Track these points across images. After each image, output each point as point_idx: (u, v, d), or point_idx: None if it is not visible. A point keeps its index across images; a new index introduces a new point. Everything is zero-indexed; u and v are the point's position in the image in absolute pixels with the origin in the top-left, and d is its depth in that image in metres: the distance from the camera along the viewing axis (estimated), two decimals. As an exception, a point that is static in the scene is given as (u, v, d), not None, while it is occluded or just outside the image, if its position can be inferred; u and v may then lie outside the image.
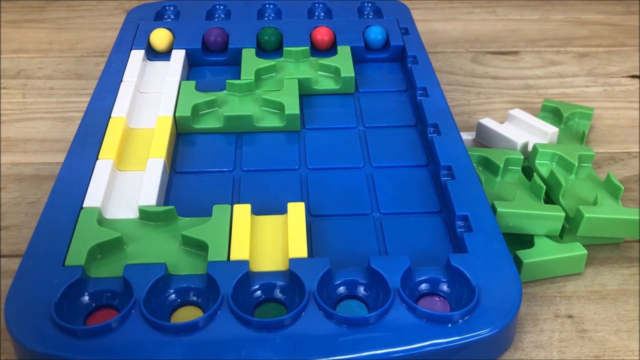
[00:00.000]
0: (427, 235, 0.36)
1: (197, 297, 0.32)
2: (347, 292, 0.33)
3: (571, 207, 0.38)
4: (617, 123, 0.51)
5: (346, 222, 0.37)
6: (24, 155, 0.47)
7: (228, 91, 0.46)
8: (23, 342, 0.29)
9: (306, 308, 0.31)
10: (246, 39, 0.51)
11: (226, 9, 0.56)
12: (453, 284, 0.33)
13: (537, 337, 0.34)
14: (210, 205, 0.36)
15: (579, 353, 0.33)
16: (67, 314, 0.30)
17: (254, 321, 0.30)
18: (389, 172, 0.40)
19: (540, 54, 0.60)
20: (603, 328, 0.34)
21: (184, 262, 0.34)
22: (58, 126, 0.50)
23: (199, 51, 0.50)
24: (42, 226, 0.35)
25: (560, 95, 0.54)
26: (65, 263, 0.33)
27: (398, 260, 0.33)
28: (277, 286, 0.32)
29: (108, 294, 0.32)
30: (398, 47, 0.51)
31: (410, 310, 0.31)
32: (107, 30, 0.63)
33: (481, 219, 0.35)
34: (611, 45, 0.62)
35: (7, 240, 0.40)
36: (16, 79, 0.56)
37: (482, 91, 0.55)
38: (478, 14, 0.67)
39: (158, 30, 0.51)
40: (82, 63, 0.58)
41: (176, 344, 0.29)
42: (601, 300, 0.36)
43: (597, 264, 0.38)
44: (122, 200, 0.37)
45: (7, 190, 0.44)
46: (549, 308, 0.36)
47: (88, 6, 0.68)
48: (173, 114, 0.43)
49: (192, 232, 0.34)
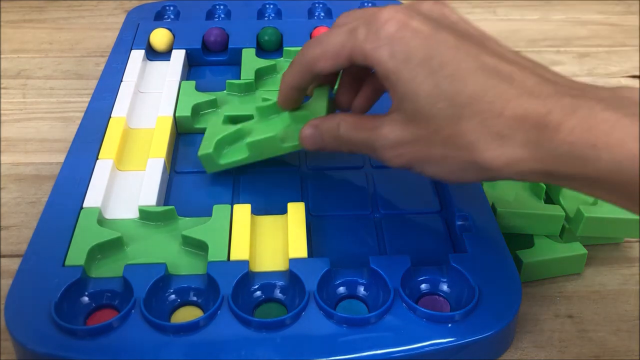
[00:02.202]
0: (427, 235, 0.36)
1: (197, 297, 0.32)
2: (347, 292, 0.33)
3: (571, 207, 0.38)
4: (617, 123, 0.51)
5: (346, 222, 0.37)
6: (24, 155, 0.47)
7: (228, 91, 0.46)
8: (23, 342, 0.29)
9: (306, 308, 0.31)
10: (246, 39, 0.51)
11: (226, 9, 0.56)
12: (453, 284, 0.33)
13: (537, 337, 0.34)
14: (210, 205, 0.36)
15: (579, 353, 0.33)
16: (67, 314, 0.30)
17: (254, 321, 0.30)
18: (388, 172, 0.40)
19: (540, 54, 0.60)
20: (603, 328, 0.34)
21: (184, 262, 0.34)
22: (58, 126, 0.50)
23: (199, 51, 0.50)
24: (42, 226, 0.35)
25: (560, 95, 0.54)
26: (65, 263, 0.33)
27: (398, 260, 0.33)
28: (277, 286, 0.32)
29: (108, 293, 0.32)
30: (398, 47, 0.51)
31: (410, 310, 0.31)
32: (107, 30, 0.63)
33: (481, 219, 0.35)
34: (611, 45, 0.62)
35: (7, 240, 0.40)
36: (16, 79, 0.56)
37: (482, 91, 0.55)
38: (478, 14, 0.67)
39: (158, 30, 0.51)
40: (82, 63, 0.58)
41: (176, 344, 0.29)
42: (601, 300, 0.36)
43: (597, 264, 0.38)
44: (122, 200, 0.37)
45: (7, 190, 0.44)
46: (549, 308, 0.36)
47: (88, 6, 0.68)
48: (173, 114, 0.43)
49: (192, 232, 0.34)
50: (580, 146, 0.24)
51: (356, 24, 0.30)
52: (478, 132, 0.27)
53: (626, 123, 0.24)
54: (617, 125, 0.24)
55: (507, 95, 0.26)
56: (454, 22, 0.30)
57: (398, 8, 0.29)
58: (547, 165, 0.26)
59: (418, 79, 0.28)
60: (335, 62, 0.31)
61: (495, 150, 0.27)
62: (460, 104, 0.27)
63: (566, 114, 0.25)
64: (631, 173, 0.24)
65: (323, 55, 0.31)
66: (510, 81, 0.27)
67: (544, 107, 0.26)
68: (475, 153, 0.27)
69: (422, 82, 0.28)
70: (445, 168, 0.29)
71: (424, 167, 0.30)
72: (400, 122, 0.29)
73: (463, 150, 0.28)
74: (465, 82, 0.27)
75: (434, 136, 0.28)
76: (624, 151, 0.24)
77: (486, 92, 0.27)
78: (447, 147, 0.28)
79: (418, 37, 0.28)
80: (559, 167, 0.26)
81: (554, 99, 0.26)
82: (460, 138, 0.27)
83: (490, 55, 0.28)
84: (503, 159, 0.27)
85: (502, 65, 0.27)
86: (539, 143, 0.26)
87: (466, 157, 0.28)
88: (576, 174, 0.25)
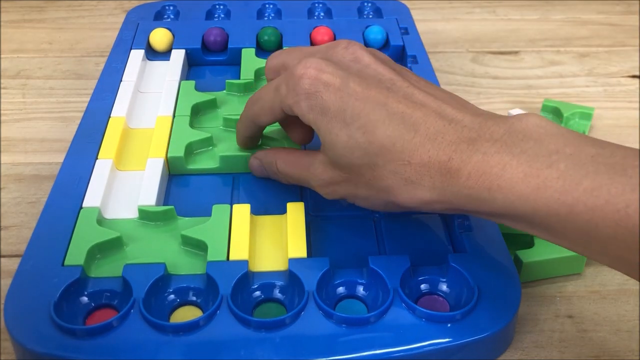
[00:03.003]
0: (427, 235, 0.36)
1: (197, 297, 0.32)
2: (346, 292, 0.33)
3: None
4: (617, 123, 0.51)
5: (346, 222, 0.37)
6: (24, 155, 0.47)
7: (228, 91, 0.46)
8: (23, 342, 0.29)
9: (305, 308, 0.31)
10: (246, 39, 0.51)
11: (226, 8, 0.56)
12: (452, 284, 0.33)
13: (537, 337, 0.34)
14: (209, 205, 0.36)
15: (579, 353, 0.33)
16: (66, 313, 0.30)
17: (253, 321, 0.30)
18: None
19: (540, 54, 0.60)
20: (603, 328, 0.34)
21: (184, 261, 0.34)
22: (58, 126, 0.50)
23: (199, 51, 0.50)
24: (42, 226, 0.35)
25: (561, 95, 0.54)
26: (65, 263, 0.33)
27: (397, 260, 0.33)
28: (277, 286, 0.32)
29: (107, 293, 0.32)
30: (398, 47, 0.51)
31: (409, 310, 0.31)
32: (107, 30, 0.63)
33: (481, 219, 0.35)
34: (611, 45, 0.61)
35: (7, 240, 0.40)
36: (16, 79, 0.56)
37: (482, 91, 0.55)
38: (478, 14, 0.67)
39: (158, 30, 0.51)
40: (82, 63, 0.58)
41: (175, 344, 0.29)
42: (601, 300, 0.36)
43: (597, 264, 0.38)
44: (122, 200, 0.37)
45: (7, 190, 0.44)
46: (549, 308, 0.35)
47: (88, 6, 0.68)
48: (173, 113, 0.43)
49: (191, 232, 0.34)
50: (478, 190, 0.27)
51: (279, 82, 0.33)
52: (391, 178, 0.30)
53: (514, 164, 0.27)
54: (507, 167, 0.27)
55: (413, 145, 0.29)
56: (365, 66, 0.32)
57: (312, 61, 0.32)
58: (454, 205, 0.29)
59: (334, 131, 0.31)
60: (272, 116, 0.35)
61: (409, 193, 0.30)
62: (373, 153, 0.30)
63: (463, 160, 0.28)
64: (524, 210, 0.26)
65: (262, 111, 0.35)
66: (415, 129, 0.29)
67: (445, 155, 0.28)
68: (392, 195, 0.30)
69: (338, 134, 0.31)
70: (373, 204, 0.32)
71: (356, 202, 0.33)
72: (329, 164, 0.33)
73: (382, 192, 0.31)
74: (375, 134, 0.30)
75: (357, 179, 0.31)
76: (514, 192, 0.26)
77: (394, 143, 0.29)
78: (370, 189, 0.31)
79: (329, 91, 0.31)
80: (465, 206, 0.29)
81: (453, 146, 0.28)
82: (378, 182, 0.30)
83: (398, 101, 0.30)
84: (416, 200, 0.30)
85: (409, 112, 0.30)
86: (443, 187, 0.28)
87: (386, 197, 0.31)
88: (480, 211, 0.28)
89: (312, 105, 0.31)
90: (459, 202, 0.28)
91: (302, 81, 0.31)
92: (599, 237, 0.25)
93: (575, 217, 0.25)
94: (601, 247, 0.25)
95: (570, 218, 0.25)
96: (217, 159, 0.40)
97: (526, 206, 0.26)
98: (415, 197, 0.29)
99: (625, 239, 0.24)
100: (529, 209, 0.26)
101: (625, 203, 0.24)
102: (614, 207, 0.24)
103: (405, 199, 0.30)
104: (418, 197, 0.29)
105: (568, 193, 0.25)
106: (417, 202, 0.30)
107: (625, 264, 0.25)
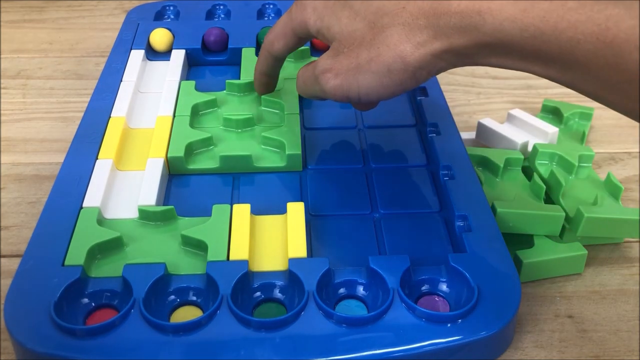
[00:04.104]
0: (427, 235, 0.36)
1: (197, 297, 0.32)
2: (346, 292, 0.33)
3: (571, 207, 0.38)
4: (617, 123, 0.51)
5: (346, 222, 0.37)
6: (24, 155, 0.47)
7: (228, 91, 0.46)
8: (23, 342, 0.29)
9: (305, 308, 0.31)
10: (246, 39, 0.51)
11: (226, 8, 0.56)
12: (452, 283, 0.33)
13: (537, 337, 0.34)
14: (210, 205, 0.36)
15: (579, 353, 0.33)
16: (66, 313, 0.30)
17: (253, 321, 0.30)
18: (388, 172, 0.40)
19: (540, 54, 0.60)
20: (603, 328, 0.34)
21: (184, 261, 0.34)
22: (58, 126, 0.50)
23: (199, 51, 0.50)
24: (42, 226, 0.35)
25: (560, 95, 0.54)
26: (65, 263, 0.33)
27: (397, 260, 0.33)
28: (277, 286, 0.32)
29: (107, 293, 0.32)
30: (398, 47, 0.51)
31: (409, 310, 0.31)
32: (107, 30, 0.63)
33: (481, 219, 0.35)
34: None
35: (7, 240, 0.40)
36: (16, 79, 0.56)
37: (482, 91, 0.55)
38: (478, 14, 0.67)
39: (158, 30, 0.51)
40: (82, 63, 0.58)
41: (176, 344, 0.29)
42: (601, 300, 0.36)
43: (597, 264, 0.38)
44: (122, 200, 0.37)
45: (7, 190, 0.44)
46: (549, 308, 0.35)
47: (88, 6, 0.68)
48: (173, 113, 0.43)
49: (191, 232, 0.34)
50: (468, 14, 0.29)
51: (289, 10, 0.38)
52: (391, 27, 0.32)
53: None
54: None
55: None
56: None
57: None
58: (446, 43, 0.30)
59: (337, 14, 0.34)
60: (284, 40, 0.39)
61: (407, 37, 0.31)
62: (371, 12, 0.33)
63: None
64: (512, 33, 0.28)
65: (275, 37, 0.39)
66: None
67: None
68: (392, 45, 0.32)
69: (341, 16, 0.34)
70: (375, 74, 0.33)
71: (358, 81, 0.33)
72: (331, 51, 0.35)
73: (383, 46, 0.32)
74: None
75: (359, 46, 0.33)
76: (503, 14, 0.28)
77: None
78: (371, 49, 0.32)
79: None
80: (457, 40, 0.30)
81: None
82: (378, 36, 0.32)
83: None
84: (413, 43, 0.31)
85: None
86: (438, 23, 0.30)
87: (386, 53, 0.32)
88: (470, 43, 0.30)
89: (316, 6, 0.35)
90: (450, 37, 0.30)
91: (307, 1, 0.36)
92: (582, 58, 0.26)
93: (559, 35, 0.27)
94: (584, 69, 0.27)
95: (554, 36, 0.27)
96: (217, 159, 0.40)
97: (514, 27, 0.28)
98: (414, 40, 0.31)
99: (605, 55, 0.26)
100: (516, 30, 0.28)
101: (605, 17, 0.26)
102: (595, 21, 0.26)
103: (405, 48, 0.31)
104: (415, 40, 0.31)
105: (553, 11, 0.27)
106: (413, 46, 0.31)
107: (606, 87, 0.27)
